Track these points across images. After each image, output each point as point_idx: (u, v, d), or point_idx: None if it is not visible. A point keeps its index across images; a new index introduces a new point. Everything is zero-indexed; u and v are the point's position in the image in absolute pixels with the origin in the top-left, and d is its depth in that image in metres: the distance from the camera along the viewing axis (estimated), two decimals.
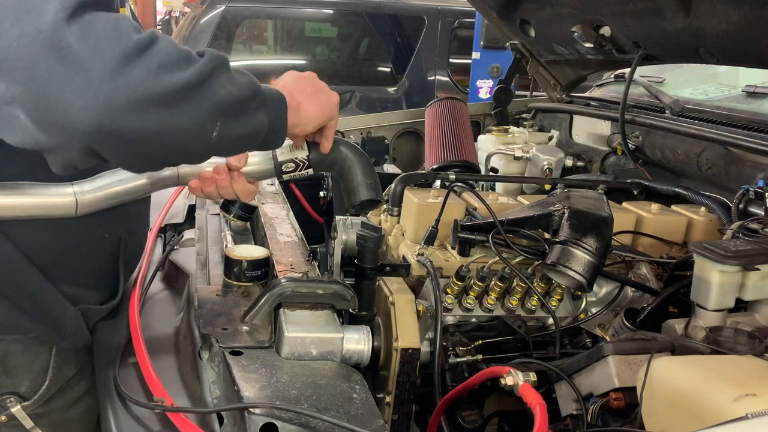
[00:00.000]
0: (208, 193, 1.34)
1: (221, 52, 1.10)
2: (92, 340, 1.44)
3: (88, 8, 0.97)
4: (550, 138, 2.98)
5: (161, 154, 1.06)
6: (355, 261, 1.49)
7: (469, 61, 6.17)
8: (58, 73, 0.93)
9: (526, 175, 2.72)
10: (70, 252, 1.34)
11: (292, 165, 1.32)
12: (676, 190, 2.11)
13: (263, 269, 1.47)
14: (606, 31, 2.45)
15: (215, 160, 1.30)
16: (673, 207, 1.99)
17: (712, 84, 2.74)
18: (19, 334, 1.34)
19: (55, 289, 1.34)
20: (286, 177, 1.34)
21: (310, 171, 1.34)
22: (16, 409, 1.38)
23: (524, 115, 3.22)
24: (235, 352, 1.18)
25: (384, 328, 1.45)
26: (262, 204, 1.93)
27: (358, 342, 1.25)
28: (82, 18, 0.95)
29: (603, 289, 1.72)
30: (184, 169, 1.30)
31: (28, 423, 1.40)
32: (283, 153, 1.32)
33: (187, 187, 1.36)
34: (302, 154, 1.32)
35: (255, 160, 1.33)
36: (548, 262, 1.52)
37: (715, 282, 1.38)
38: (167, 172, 1.32)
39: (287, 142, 1.32)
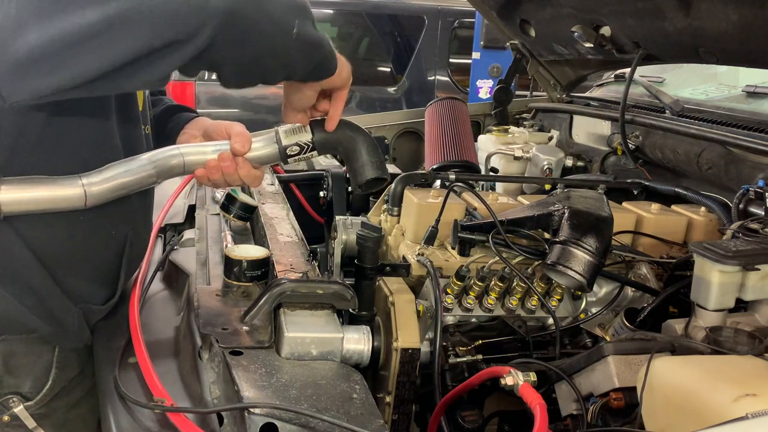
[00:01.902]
0: (214, 181, 1.34)
1: None
2: (93, 340, 1.44)
3: None
4: (550, 138, 2.98)
5: (258, 45, 1.11)
6: (355, 261, 1.49)
7: (469, 61, 6.18)
8: None
9: (526, 175, 2.73)
10: (77, 249, 1.34)
11: (297, 148, 1.33)
12: (676, 190, 2.11)
13: (263, 269, 1.47)
14: (606, 31, 2.45)
15: (220, 147, 1.31)
16: (673, 207, 1.99)
17: (712, 84, 2.74)
18: (23, 333, 1.35)
19: (59, 287, 1.34)
20: (291, 161, 1.34)
21: (315, 153, 1.34)
22: (19, 409, 1.38)
23: (524, 115, 3.22)
24: (235, 352, 1.18)
25: (384, 328, 1.45)
26: (262, 204, 1.93)
27: (358, 342, 1.25)
28: None
29: (603, 289, 1.72)
30: (190, 158, 1.31)
31: (30, 423, 1.40)
32: (287, 136, 1.32)
33: (190, 182, 1.37)
34: (306, 137, 1.33)
35: (259, 144, 1.33)
36: (548, 262, 1.52)
37: (715, 282, 1.38)
38: (174, 161, 1.32)
39: (290, 125, 1.32)
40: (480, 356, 1.59)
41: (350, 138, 1.37)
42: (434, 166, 2.44)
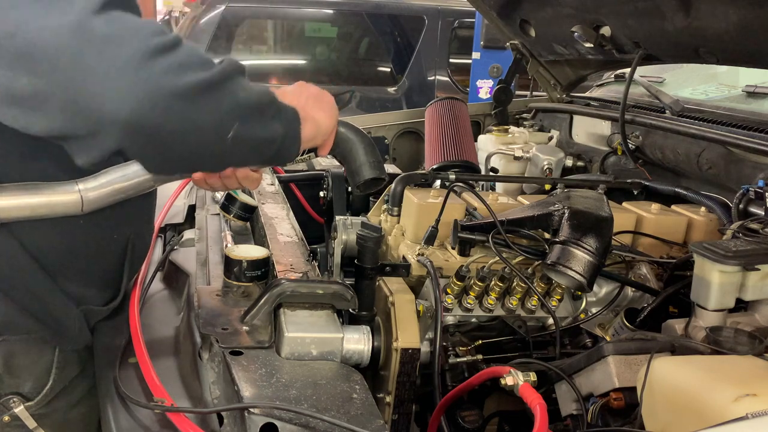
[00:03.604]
0: (212, 184, 1.34)
1: (239, 62, 1.12)
2: (93, 340, 1.44)
3: (113, 5, 0.98)
4: (550, 138, 2.98)
5: (179, 150, 1.07)
6: (355, 261, 1.48)
7: (469, 61, 6.18)
8: (81, 64, 0.94)
9: (526, 175, 2.73)
10: (77, 252, 1.34)
11: None
12: (676, 190, 2.11)
13: (263, 269, 1.47)
14: (606, 31, 2.45)
15: None
16: (673, 207, 1.99)
17: (712, 84, 2.74)
18: (23, 334, 1.35)
19: (60, 290, 1.34)
20: (289, 163, 1.34)
21: (313, 155, 1.35)
22: (20, 410, 1.38)
23: (524, 115, 3.22)
24: (235, 352, 1.18)
25: (384, 328, 1.45)
26: (262, 204, 1.93)
27: (358, 342, 1.25)
28: (108, 13, 0.97)
29: (603, 289, 1.72)
30: None
31: (31, 423, 1.40)
32: None
33: (190, 182, 1.37)
34: None
35: None
36: (548, 262, 1.52)
37: (715, 282, 1.38)
38: None
39: None
40: (480, 356, 1.59)
41: (348, 139, 1.37)
42: (434, 166, 2.44)
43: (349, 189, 2.41)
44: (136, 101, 0.95)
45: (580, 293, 1.69)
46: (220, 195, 1.95)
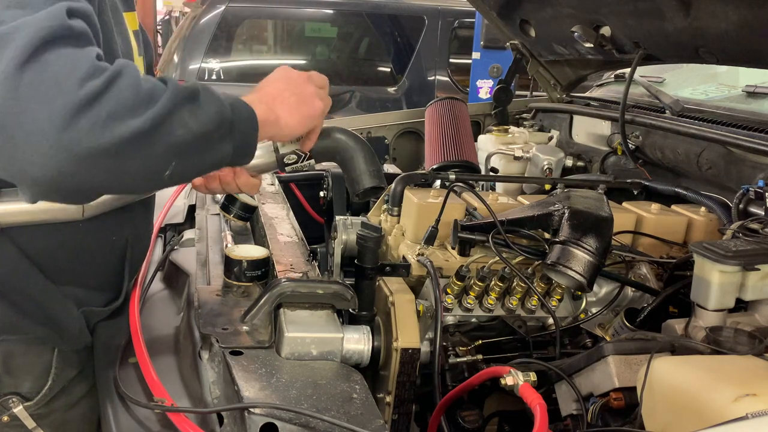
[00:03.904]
0: (212, 189, 1.34)
1: (190, 85, 1.07)
2: (93, 340, 1.44)
3: (50, 46, 0.94)
4: (550, 138, 2.97)
5: (110, 192, 1.08)
6: (355, 261, 1.48)
7: (469, 61, 6.18)
8: (6, 125, 0.92)
9: (526, 175, 2.72)
10: (77, 255, 1.34)
11: (294, 156, 1.33)
12: (676, 190, 2.11)
13: (263, 269, 1.47)
14: (606, 31, 2.45)
15: None
16: (673, 207, 1.99)
17: (712, 84, 2.74)
18: (22, 334, 1.35)
19: (60, 292, 1.34)
20: (288, 168, 1.34)
21: (312, 161, 1.35)
22: (19, 410, 1.38)
23: (524, 115, 3.22)
24: (235, 352, 1.18)
25: (384, 328, 1.45)
26: (262, 204, 1.93)
27: (358, 342, 1.25)
28: (39, 60, 0.93)
29: (603, 289, 1.72)
30: None
31: (30, 423, 1.40)
32: (284, 145, 1.32)
33: (189, 185, 1.37)
34: None
35: (257, 153, 1.33)
36: (548, 262, 1.52)
37: (715, 282, 1.38)
38: None
39: None
40: (480, 356, 1.59)
41: (347, 147, 1.38)
42: (434, 166, 2.44)
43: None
44: (57, 166, 0.93)
45: (580, 293, 1.69)
46: (220, 195, 1.96)
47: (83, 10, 1.03)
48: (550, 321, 1.68)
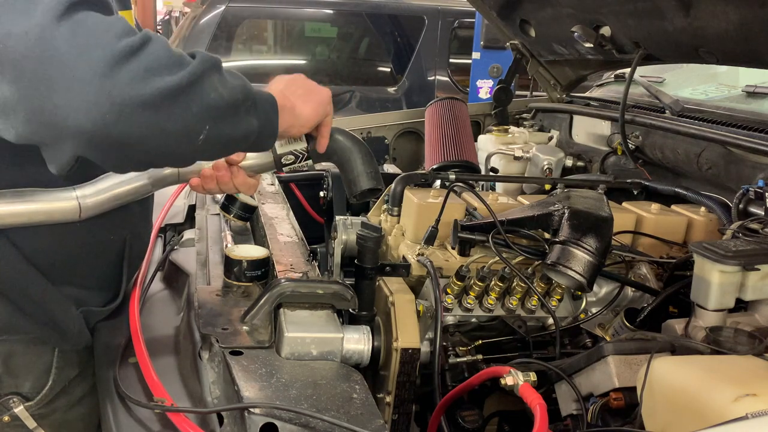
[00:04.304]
0: (209, 189, 1.34)
1: (214, 55, 1.08)
2: (93, 340, 1.44)
3: (80, 7, 0.96)
4: (550, 138, 2.97)
5: (145, 156, 1.05)
6: (355, 261, 1.49)
7: (469, 61, 6.18)
8: (45, 75, 0.93)
9: (526, 175, 2.72)
10: (75, 255, 1.34)
11: (292, 157, 1.33)
12: (676, 190, 2.11)
13: (263, 269, 1.47)
14: (606, 31, 2.45)
15: None
16: (673, 207, 1.99)
17: (712, 84, 2.74)
18: (22, 334, 1.35)
19: (59, 292, 1.34)
20: (286, 169, 1.35)
21: (310, 162, 1.35)
22: (20, 410, 1.38)
23: (524, 115, 3.22)
24: (235, 352, 1.18)
25: (384, 328, 1.45)
26: (262, 204, 1.93)
27: (358, 342, 1.25)
28: (72, 17, 0.94)
29: (603, 289, 1.72)
30: (185, 168, 1.31)
31: (31, 423, 1.40)
32: (282, 146, 1.33)
33: (188, 185, 1.37)
34: (301, 146, 1.33)
35: (254, 154, 1.34)
36: (548, 262, 1.52)
37: (715, 282, 1.38)
38: (168, 170, 1.32)
39: None
40: (480, 356, 1.59)
41: (345, 148, 1.38)
42: (434, 166, 2.44)
43: None
44: (100, 114, 0.94)
45: (580, 293, 1.69)
46: (219, 195, 1.96)
47: None
48: (550, 321, 1.68)
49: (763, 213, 1.75)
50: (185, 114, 1.00)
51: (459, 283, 1.59)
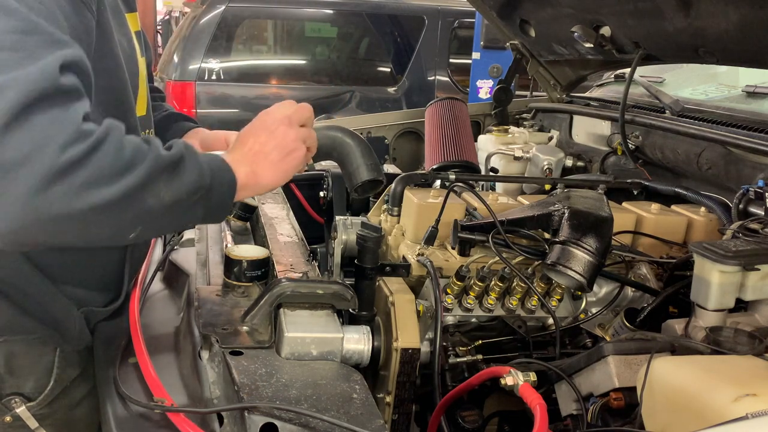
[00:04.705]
0: None
1: (178, 150, 1.08)
2: (93, 340, 1.44)
3: (34, 108, 0.95)
4: (550, 138, 2.98)
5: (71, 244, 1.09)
6: (355, 261, 1.49)
7: (469, 61, 6.18)
8: None
9: (526, 175, 2.73)
10: (76, 256, 1.34)
11: None
12: (676, 190, 2.11)
13: (263, 269, 1.47)
14: (606, 31, 2.45)
15: None
16: (673, 207, 1.99)
17: (712, 84, 2.74)
18: (23, 334, 1.35)
19: (61, 292, 1.34)
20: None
21: (310, 162, 1.35)
22: (21, 410, 1.38)
23: (524, 115, 3.22)
24: (235, 352, 1.18)
25: (384, 328, 1.45)
26: (262, 204, 1.93)
27: (358, 342, 1.25)
28: (22, 123, 0.93)
29: (603, 289, 1.72)
30: None
31: (32, 423, 1.40)
32: None
33: None
34: None
35: None
36: (548, 262, 1.52)
37: (715, 282, 1.38)
38: None
39: None
40: (480, 356, 1.59)
41: (343, 143, 1.38)
42: (434, 166, 2.44)
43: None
44: (23, 224, 0.95)
45: (580, 293, 1.69)
46: None
47: (76, 61, 1.04)
48: (550, 321, 1.68)
49: (763, 213, 1.75)
50: (115, 223, 1.03)
51: (459, 283, 1.59)
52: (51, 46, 1.00)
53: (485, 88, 6.03)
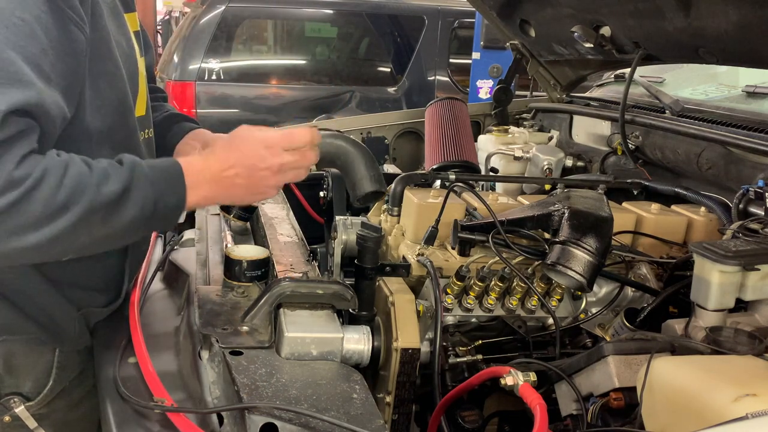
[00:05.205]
0: None
1: (128, 176, 1.12)
2: (93, 340, 1.44)
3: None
4: (550, 138, 2.97)
5: None
6: (355, 261, 1.49)
7: (469, 61, 6.18)
8: None
9: (526, 175, 2.72)
10: (77, 259, 1.34)
11: None
12: (676, 190, 2.11)
13: (263, 269, 1.47)
14: (606, 31, 2.45)
15: None
16: (673, 207, 1.99)
17: (712, 84, 2.74)
18: (23, 335, 1.35)
19: (60, 294, 1.34)
20: None
21: (313, 167, 1.35)
22: (20, 410, 1.38)
23: (524, 115, 3.22)
24: (235, 352, 1.18)
25: (384, 328, 1.45)
26: (262, 204, 1.93)
27: (358, 342, 1.25)
28: None
29: (603, 289, 1.72)
30: None
31: (31, 423, 1.40)
32: None
33: None
34: None
35: None
36: (548, 262, 1.52)
37: (715, 282, 1.38)
38: None
39: None
40: (480, 356, 1.59)
41: (348, 152, 1.39)
42: (434, 166, 2.44)
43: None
44: None
45: (580, 293, 1.69)
46: None
47: (32, 104, 1.05)
48: (550, 321, 1.68)
49: (763, 213, 1.75)
50: (44, 255, 1.10)
51: (459, 283, 1.59)
52: (6, 85, 1.02)
53: (485, 88, 6.03)
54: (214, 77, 5.90)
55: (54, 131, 1.12)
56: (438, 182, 2.09)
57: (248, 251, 1.48)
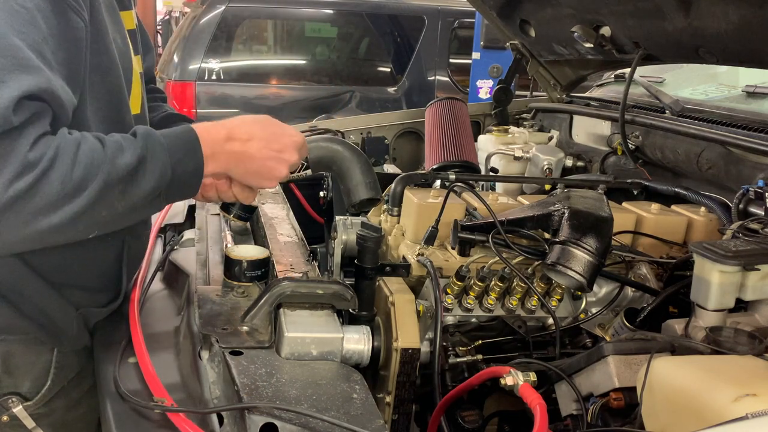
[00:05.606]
0: (208, 197, 1.36)
1: (133, 156, 1.11)
2: (93, 340, 1.44)
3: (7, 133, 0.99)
4: (550, 138, 2.98)
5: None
6: (355, 261, 1.49)
7: (469, 61, 6.18)
8: None
9: (526, 175, 2.72)
10: (74, 259, 1.34)
11: None
12: (676, 190, 2.10)
13: (263, 269, 1.47)
14: (606, 31, 2.45)
15: None
16: (673, 207, 1.98)
17: (712, 84, 2.74)
18: (21, 335, 1.34)
19: (58, 294, 1.34)
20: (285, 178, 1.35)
21: (309, 171, 1.36)
22: (18, 410, 1.38)
23: (524, 115, 3.22)
24: (235, 352, 1.18)
25: (384, 328, 1.45)
26: (262, 204, 1.93)
27: (358, 342, 1.25)
28: None
29: (603, 289, 1.72)
30: None
31: (29, 423, 1.40)
32: None
33: None
34: None
35: None
36: (548, 262, 1.52)
37: (715, 282, 1.38)
38: None
39: None
40: (480, 356, 1.59)
41: (344, 158, 1.39)
42: (434, 166, 2.44)
43: None
44: None
45: (580, 293, 1.69)
46: None
47: (42, 89, 1.05)
48: (550, 321, 1.68)
49: (763, 213, 1.75)
50: (69, 235, 1.10)
51: (459, 283, 1.59)
52: (17, 70, 1.02)
53: (485, 88, 6.03)
54: (214, 77, 5.90)
55: (66, 116, 1.12)
56: (438, 182, 2.09)
57: (248, 251, 1.48)
